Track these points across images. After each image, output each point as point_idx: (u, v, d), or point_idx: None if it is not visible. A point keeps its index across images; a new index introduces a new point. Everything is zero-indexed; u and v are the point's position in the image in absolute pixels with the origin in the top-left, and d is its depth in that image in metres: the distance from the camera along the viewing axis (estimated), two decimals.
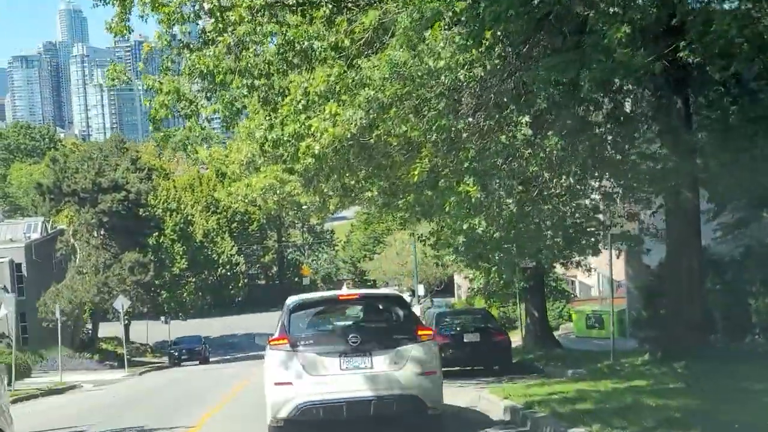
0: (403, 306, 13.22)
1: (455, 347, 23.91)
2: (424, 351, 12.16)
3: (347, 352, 11.88)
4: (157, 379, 42.68)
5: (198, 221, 79.85)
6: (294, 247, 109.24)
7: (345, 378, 11.85)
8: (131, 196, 57.86)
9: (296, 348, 11.97)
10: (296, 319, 12.73)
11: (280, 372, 11.98)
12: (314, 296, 14.31)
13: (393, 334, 12.37)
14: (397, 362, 11.95)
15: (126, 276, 55.62)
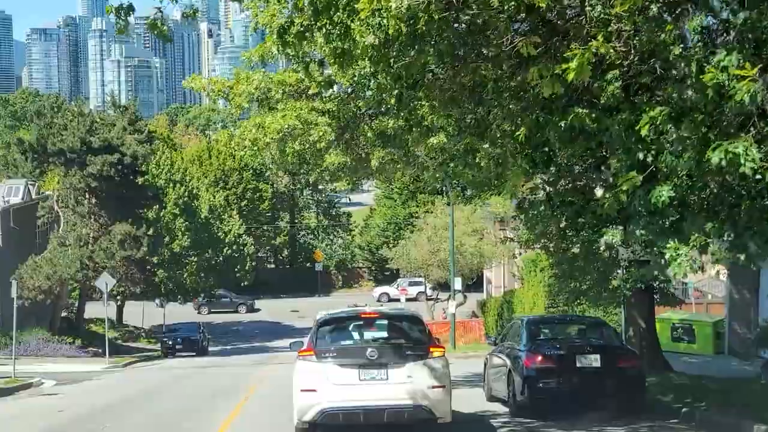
0: (419, 324, 14.64)
1: (563, 375, 16.25)
2: (435, 367, 13.74)
3: (366, 365, 13.47)
4: (138, 379, 35.11)
5: (204, 195, 72.15)
6: (307, 230, 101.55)
7: (363, 388, 13.41)
8: (126, 160, 50.27)
9: (321, 359, 13.69)
10: (323, 333, 14.34)
11: (306, 380, 13.68)
12: (340, 313, 15.24)
13: (408, 350, 13.80)
14: (410, 376, 13.50)
15: (115, 250, 48.06)
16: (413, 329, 14.56)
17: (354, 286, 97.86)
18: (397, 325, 14.90)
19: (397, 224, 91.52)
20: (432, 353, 13.86)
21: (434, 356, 13.86)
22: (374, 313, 15.10)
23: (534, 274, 47.39)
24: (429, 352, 13.85)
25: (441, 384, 13.64)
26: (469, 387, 24.26)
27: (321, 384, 13.49)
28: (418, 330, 14.50)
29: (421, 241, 54.44)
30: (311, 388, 13.54)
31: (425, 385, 13.46)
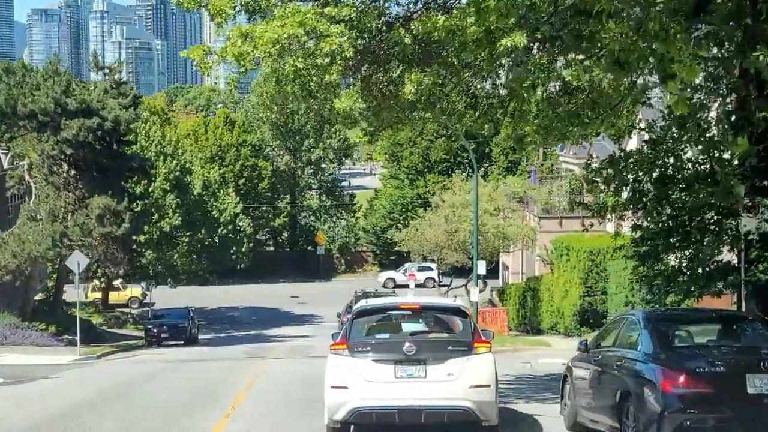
0: (463, 317, 13.41)
1: (727, 405, 10.37)
2: (479, 363, 12.61)
3: (402, 361, 12.44)
4: (104, 376, 29.58)
5: (198, 170, 66.51)
6: (309, 211, 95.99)
7: (399, 386, 12.42)
8: (107, 125, 44.70)
9: (354, 353, 12.70)
10: (358, 325, 13.27)
11: (337, 376, 12.74)
12: (376, 304, 14.33)
13: (449, 345, 12.79)
14: (451, 373, 12.41)
15: (93, 226, 42.55)
16: (456, 322, 13.50)
17: (357, 270, 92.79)
18: (439, 318, 13.84)
19: (404, 205, 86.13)
20: (476, 348, 12.81)
21: (479, 352, 12.80)
22: (414, 304, 14.13)
23: (566, 259, 41.96)
24: (473, 347, 12.81)
25: (486, 383, 12.64)
26: (522, 399, 18.89)
27: (353, 381, 12.63)
28: (462, 323, 13.38)
29: (437, 220, 48.81)
30: (342, 384, 12.70)
31: (468, 384, 12.47)
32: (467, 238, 47.38)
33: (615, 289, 37.96)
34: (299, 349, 41.82)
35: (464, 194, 48.75)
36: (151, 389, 22.46)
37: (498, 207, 48.54)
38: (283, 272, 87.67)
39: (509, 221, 48.12)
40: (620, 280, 37.48)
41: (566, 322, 40.34)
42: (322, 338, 53.04)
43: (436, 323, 13.71)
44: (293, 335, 54.60)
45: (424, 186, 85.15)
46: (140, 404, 18.92)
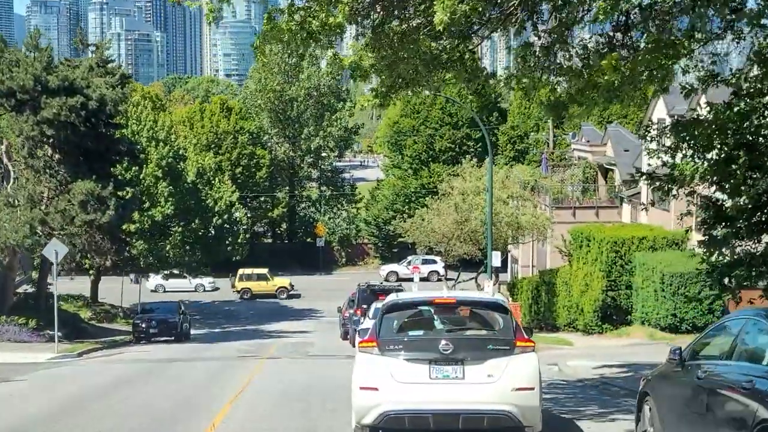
0: (504, 313, 12.42)
1: None
2: (522, 364, 11.72)
3: (438, 360, 11.58)
4: (81, 375, 26.43)
5: (192, 157, 63.27)
6: (308, 202, 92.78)
7: (434, 388, 11.56)
8: (92, 105, 41.52)
9: (385, 352, 11.80)
10: (388, 321, 12.38)
11: (366, 376, 11.81)
12: (408, 298, 13.27)
13: (489, 344, 11.90)
14: (491, 374, 11.53)
15: (75, 213, 39.38)
16: (496, 319, 12.50)
17: (358, 263, 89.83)
18: (477, 314, 12.89)
19: (407, 196, 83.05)
20: (519, 347, 11.88)
21: (521, 351, 11.86)
22: (450, 298, 13.04)
23: (586, 250, 38.82)
24: (515, 346, 11.88)
25: (529, 385, 11.69)
26: (567, 412, 15.76)
27: (384, 381, 11.68)
28: (502, 320, 12.38)
29: (446, 209, 45.54)
30: (372, 385, 11.74)
31: (510, 386, 11.54)
32: (479, 228, 44.19)
33: (642, 283, 34.88)
34: (298, 346, 38.73)
35: (475, 181, 45.51)
36: (120, 400, 19.33)
37: (511, 194, 45.30)
38: (281, 265, 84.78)
39: (523, 209, 44.88)
40: (648, 273, 34.41)
41: (586, 318, 37.19)
42: (323, 334, 50.60)
43: (474, 319, 12.72)
44: (292, 330, 51.80)
45: (428, 176, 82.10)
46: (96, 428, 15.67)
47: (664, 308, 32.98)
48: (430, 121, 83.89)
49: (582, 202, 57.50)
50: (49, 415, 16.93)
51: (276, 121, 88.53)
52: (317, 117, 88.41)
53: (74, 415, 16.86)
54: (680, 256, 34.88)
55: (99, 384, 22.60)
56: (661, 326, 33.44)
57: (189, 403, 18.29)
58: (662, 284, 32.95)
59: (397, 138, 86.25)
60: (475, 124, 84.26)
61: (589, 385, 20.79)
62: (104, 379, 24.15)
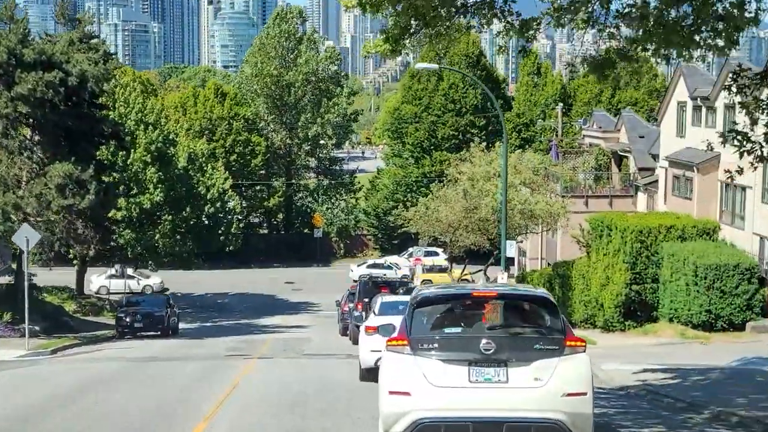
0: (551, 309, 11.05)
1: None
2: (572, 366, 10.50)
3: (478, 362, 10.43)
4: (43, 378, 23.27)
5: (183, 142, 60.11)
6: (305, 192, 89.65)
7: (473, 392, 10.36)
8: (72, 81, 38.42)
9: (418, 352, 10.61)
10: (420, 316, 11.12)
11: (397, 379, 10.60)
12: (443, 291, 11.96)
13: (535, 344, 10.61)
14: (538, 378, 10.35)
15: (52, 198, 36.28)
16: (542, 315, 10.94)
17: (357, 255, 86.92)
18: (522, 309, 11.38)
19: (408, 185, 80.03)
20: (569, 348, 10.48)
21: (572, 352, 10.47)
22: (491, 292, 11.51)
23: (606, 240, 35.69)
24: (565, 346, 10.48)
25: (581, 390, 10.35)
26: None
27: (417, 385, 10.34)
28: (548, 316, 10.86)
29: (454, 195, 42.38)
30: (403, 390, 10.38)
31: (559, 391, 10.23)
32: (489, 216, 41.09)
33: (670, 275, 31.81)
34: (293, 343, 35.64)
35: (485, 165, 42.39)
36: (85, 408, 16.28)
37: (524, 180, 42.18)
38: (277, 257, 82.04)
39: (537, 197, 41.75)
40: (678, 265, 31.35)
41: (606, 314, 34.09)
42: (320, 329, 47.54)
43: (518, 315, 11.37)
44: (287, 325, 48.90)
45: (431, 164, 79.13)
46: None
47: (696, 303, 29.95)
48: (432, 107, 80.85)
49: (595, 190, 54.53)
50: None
51: (272, 107, 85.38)
52: (315, 103, 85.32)
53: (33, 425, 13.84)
54: (714, 246, 31.87)
55: (63, 388, 19.53)
56: (693, 323, 30.40)
57: (162, 414, 15.25)
58: (695, 277, 29.93)
59: (398, 125, 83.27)
60: (480, 110, 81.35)
61: (634, 395, 17.73)
62: (71, 382, 21.07)
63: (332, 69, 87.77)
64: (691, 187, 44.75)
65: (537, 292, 11.91)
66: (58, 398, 17.77)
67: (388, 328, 13.20)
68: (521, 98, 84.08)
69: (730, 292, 29.27)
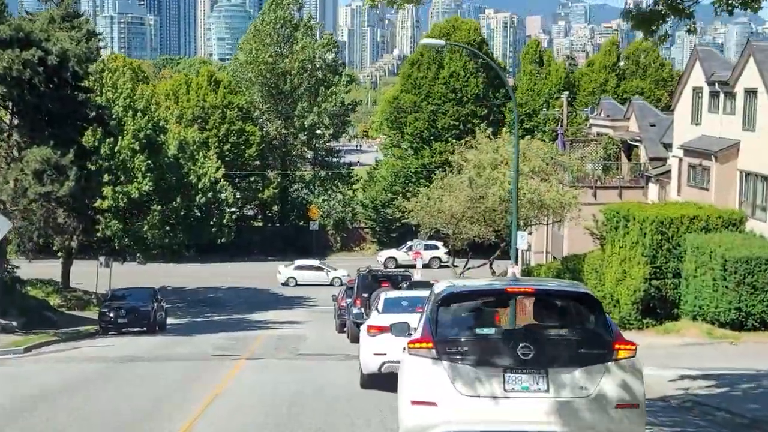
0: (595, 308, 9.91)
1: None
2: (623, 374, 9.37)
3: (514, 368, 9.32)
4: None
5: (173, 130, 57.61)
6: (301, 183, 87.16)
7: (509, 403, 9.26)
8: (51, 60, 35.99)
9: (444, 356, 9.44)
10: (446, 315, 9.89)
11: (420, 386, 9.48)
12: (473, 286, 10.71)
13: (580, 348, 9.47)
14: (583, 387, 9.31)
15: (29, 184, 33.83)
16: (586, 314, 9.86)
17: (354, 248, 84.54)
18: (562, 308, 10.19)
19: (407, 177, 77.60)
20: (618, 352, 9.36)
21: (622, 357, 9.34)
22: (527, 287, 10.30)
23: (623, 232, 33.28)
24: (613, 350, 9.36)
25: (633, 401, 9.29)
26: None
27: (444, 394, 9.23)
28: (593, 316, 9.78)
29: (459, 184, 39.94)
30: (428, 399, 9.28)
31: (608, 403, 9.19)
32: (496, 206, 38.68)
33: (695, 270, 29.41)
34: (287, 341, 33.23)
35: (492, 153, 39.99)
36: (39, 422, 13.84)
37: (533, 168, 39.78)
38: (272, 250, 79.66)
39: (547, 185, 39.34)
40: (704, 259, 28.95)
41: (623, 311, 31.66)
42: (315, 325, 45.11)
43: (558, 315, 10.27)
44: (282, 320, 46.67)
45: (430, 155, 76.70)
46: None
47: (725, 300, 27.56)
48: (432, 96, 78.37)
49: (604, 181, 52.22)
50: None
51: (267, 95, 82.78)
52: (312, 92, 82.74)
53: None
54: (741, 238, 29.49)
55: (15, 400, 17.08)
56: (721, 321, 28.01)
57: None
58: (724, 272, 27.52)
59: (397, 115, 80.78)
60: (481, 99, 78.88)
61: (679, 407, 15.34)
62: (33, 386, 18.63)
63: (329, 57, 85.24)
64: (708, 176, 42.42)
65: (579, 288, 10.67)
66: (9, 408, 15.33)
67: (403, 327, 11.52)
68: (524, 87, 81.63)
69: (763, 288, 26.89)
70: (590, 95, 79.09)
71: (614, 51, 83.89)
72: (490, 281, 11.95)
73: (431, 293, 10.99)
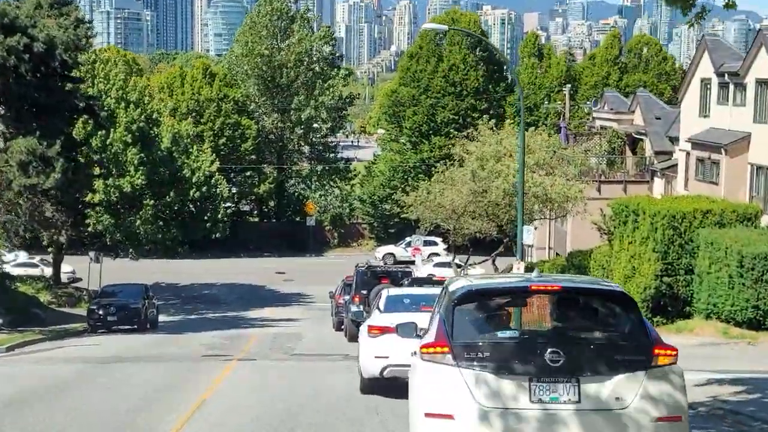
0: (631, 308, 8.88)
1: None
2: (664, 382, 8.42)
3: (542, 376, 8.32)
4: None
5: (167, 122, 56.21)
6: (298, 178, 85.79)
7: (536, 416, 8.25)
8: (38, 47, 34.61)
9: (462, 362, 8.44)
10: (463, 315, 8.81)
11: (436, 397, 8.44)
12: (493, 283, 9.75)
13: (615, 353, 8.48)
14: (620, 397, 8.31)
15: (14, 176, 32.48)
16: (621, 315, 8.84)
17: (352, 244, 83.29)
18: (594, 308, 9.09)
19: (406, 172, 76.34)
20: (658, 359, 8.39)
21: (661, 364, 8.40)
22: (554, 285, 9.01)
23: (632, 227, 31.98)
24: (653, 356, 8.39)
25: (676, 413, 8.37)
26: None
27: (462, 406, 8.25)
28: (628, 317, 8.75)
29: (461, 177, 38.59)
30: (445, 411, 8.33)
31: (647, 415, 8.25)
32: (500, 200, 37.36)
33: (709, 266, 28.09)
34: (282, 339, 31.90)
35: (495, 145, 38.67)
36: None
37: (538, 161, 38.44)
38: (268, 246, 78.63)
39: (553, 179, 38.01)
40: (719, 255, 27.63)
41: None
42: (312, 323, 43.72)
43: (590, 317, 9.05)
44: (278, 318, 45.42)
45: (429, 150, 75.43)
46: None
47: (741, 298, 26.24)
48: (431, 90, 77.06)
49: (608, 175, 50.96)
50: None
51: (264, 88, 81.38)
52: (308, 85, 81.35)
53: None
54: (758, 233, 28.15)
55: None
56: (737, 320, 26.69)
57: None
58: (740, 268, 26.19)
59: (395, 109, 79.49)
60: (481, 93, 77.58)
61: (710, 415, 14.00)
62: (5, 390, 17.26)
63: (327, 49, 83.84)
64: (717, 170, 41.19)
65: (611, 286, 9.48)
66: None
67: (410, 328, 10.47)
68: (524, 81, 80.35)
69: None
70: (592, 89, 77.90)
71: (616, 44, 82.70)
72: (514, 278, 10.62)
73: (444, 291, 9.77)
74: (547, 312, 9.29)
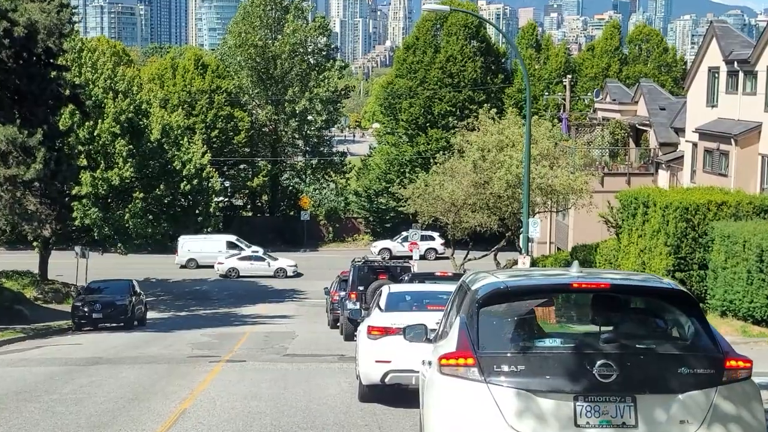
0: (694, 311, 7.47)
1: None
2: (738, 401, 7.07)
3: (590, 394, 6.94)
4: None
5: (157, 113, 54.63)
6: (292, 171, 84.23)
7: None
8: (18, 32, 32.98)
9: (491, 376, 7.04)
10: (490, 319, 7.40)
11: (460, 419, 7.08)
12: (524, 280, 8.07)
13: (678, 366, 7.11)
14: (685, 420, 6.99)
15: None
16: (682, 320, 7.44)
17: (347, 239, 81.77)
18: (650, 311, 7.73)
19: (402, 165, 74.84)
20: (731, 373, 7.11)
21: (735, 379, 7.11)
22: (601, 282, 7.57)
23: (641, 220, 30.54)
24: (725, 369, 7.11)
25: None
26: None
27: (492, 430, 6.90)
28: (691, 321, 7.38)
29: (462, 168, 37.08)
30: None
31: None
32: (502, 191, 35.88)
33: (725, 261, 26.65)
34: (273, 339, 30.35)
35: (497, 134, 37.19)
36: None
37: (541, 151, 36.96)
38: (261, 240, 76.75)
39: (557, 170, 36.55)
40: (736, 249, 26.17)
41: None
42: (306, 320, 42.14)
43: (645, 321, 7.62)
44: (270, 315, 44.06)
45: (426, 143, 73.91)
46: None
47: (761, 294, 24.77)
48: (428, 81, 75.47)
49: (611, 167, 49.49)
50: None
51: (257, 80, 79.75)
52: (303, 77, 79.74)
53: None
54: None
55: None
56: (756, 318, 25.25)
57: None
58: (760, 263, 24.72)
59: (391, 101, 77.89)
60: (479, 84, 76.02)
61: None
62: None
63: (322, 41, 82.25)
64: (726, 162, 39.74)
65: (670, 284, 7.93)
66: None
67: (420, 330, 9.15)
68: (522, 72, 78.86)
69: None
70: (592, 80, 76.43)
71: (616, 35, 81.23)
72: (551, 274, 9.06)
73: (462, 289, 8.20)
74: (590, 315, 7.75)
